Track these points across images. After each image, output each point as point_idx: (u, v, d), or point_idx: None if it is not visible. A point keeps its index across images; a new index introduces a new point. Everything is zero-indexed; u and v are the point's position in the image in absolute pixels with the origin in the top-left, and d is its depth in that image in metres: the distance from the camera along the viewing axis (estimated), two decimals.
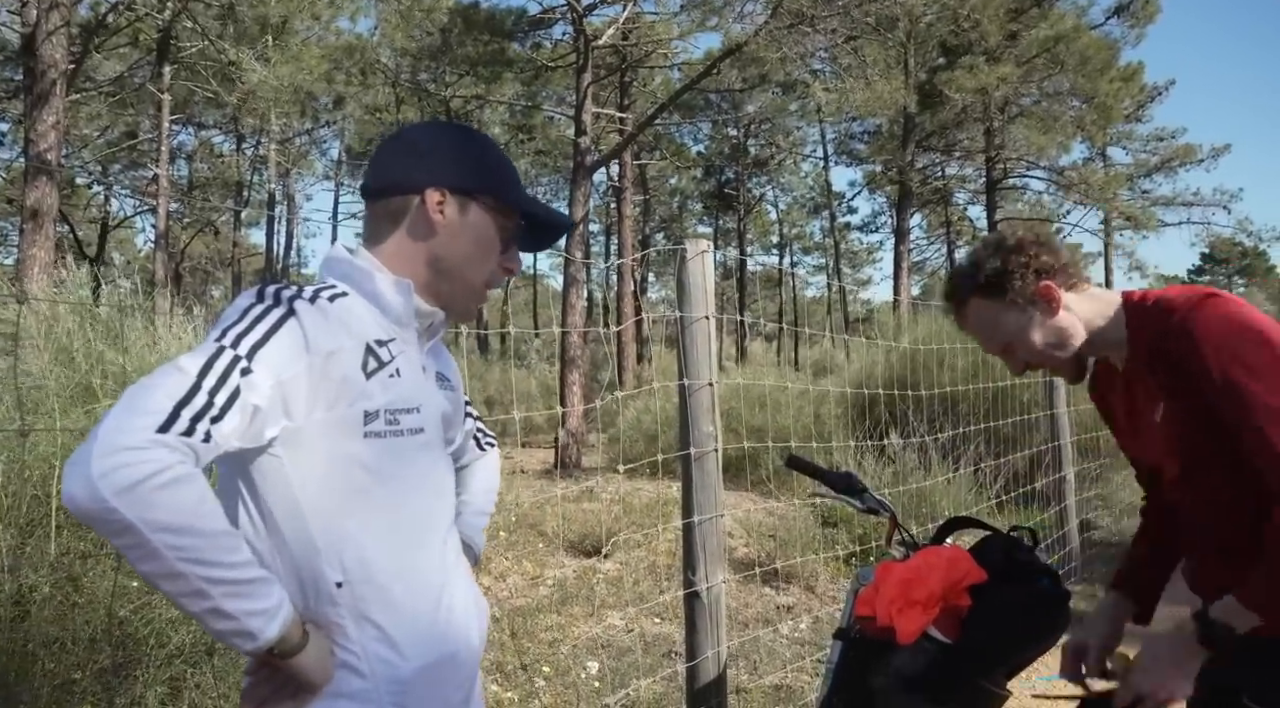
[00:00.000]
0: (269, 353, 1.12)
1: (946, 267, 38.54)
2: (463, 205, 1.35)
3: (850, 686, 1.85)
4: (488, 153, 1.41)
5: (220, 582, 1.03)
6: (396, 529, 1.25)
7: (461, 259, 1.36)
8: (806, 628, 5.23)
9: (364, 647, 1.20)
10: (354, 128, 31.64)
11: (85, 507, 0.99)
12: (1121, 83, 26.89)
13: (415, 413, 1.26)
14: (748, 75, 23.30)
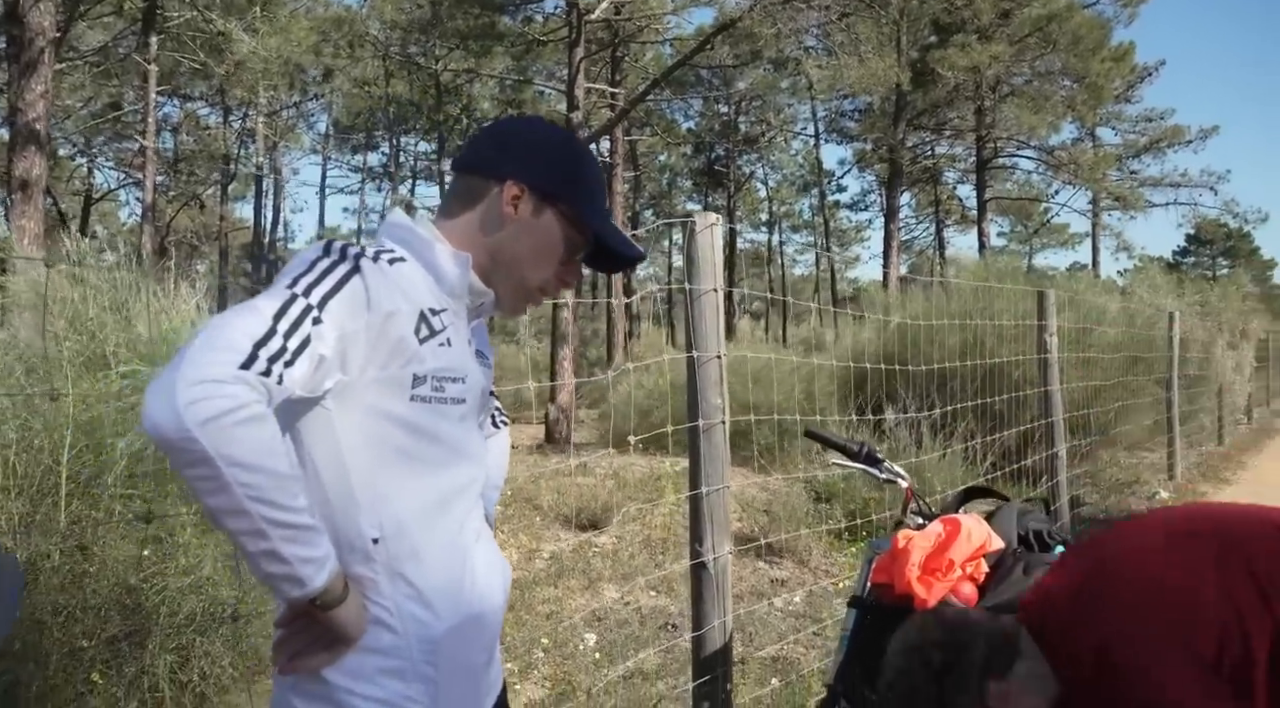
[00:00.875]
0: (336, 306, 1.14)
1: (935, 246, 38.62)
2: (538, 207, 1.35)
3: (867, 652, 1.89)
4: (582, 165, 1.41)
5: (281, 525, 1.05)
6: (432, 492, 1.26)
7: (521, 258, 1.36)
8: (800, 601, 5.28)
9: (397, 604, 1.22)
10: (342, 101, 31.40)
11: (167, 435, 0.99)
12: (1113, 63, 26.90)
13: (460, 383, 1.27)
14: (739, 52, 23.23)
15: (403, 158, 37.42)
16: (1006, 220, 37.76)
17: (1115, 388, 8.84)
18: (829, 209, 39.80)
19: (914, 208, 39.68)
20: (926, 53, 24.56)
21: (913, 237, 41.03)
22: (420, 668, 1.23)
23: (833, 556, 6.22)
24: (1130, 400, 9.17)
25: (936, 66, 23.28)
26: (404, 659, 1.22)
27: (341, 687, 1.19)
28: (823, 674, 3.93)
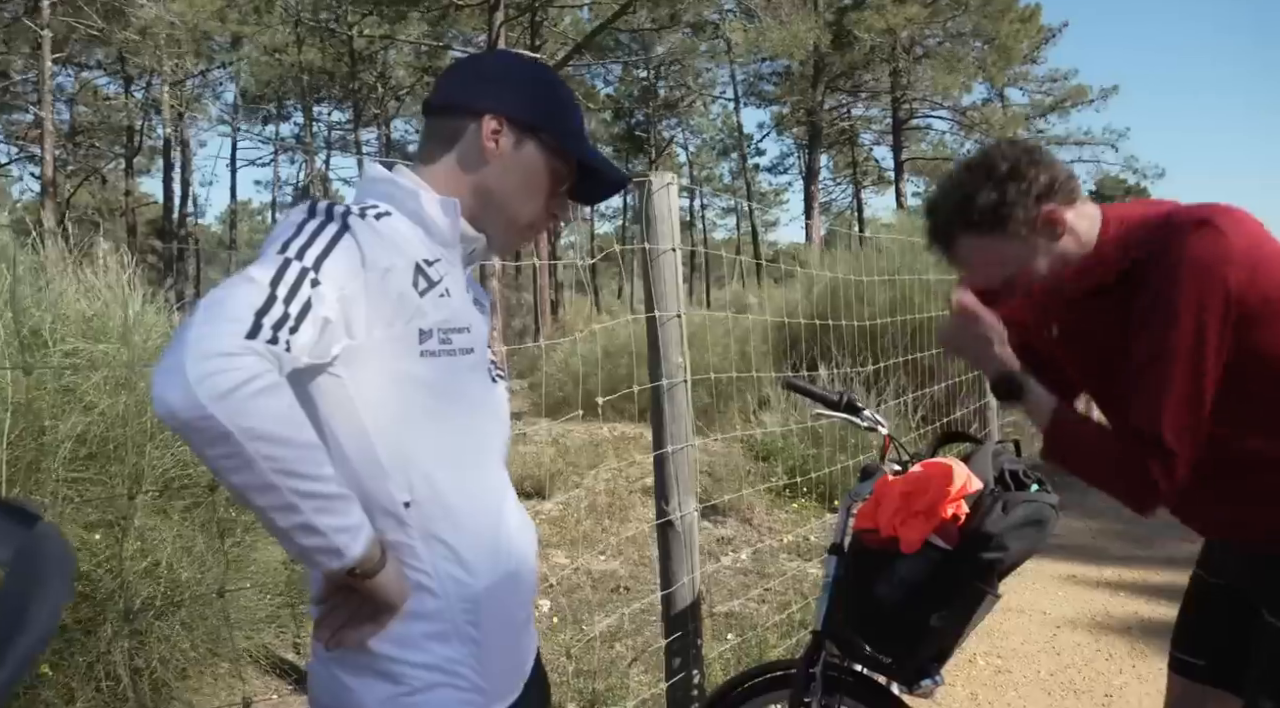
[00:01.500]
0: (331, 266, 1.10)
1: (854, 207, 39.18)
2: (519, 139, 1.31)
3: (852, 596, 1.93)
4: (556, 92, 1.37)
5: (311, 496, 1.01)
6: (459, 449, 1.23)
7: (508, 194, 1.32)
8: (747, 558, 5.36)
9: (435, 566, 1.18)
10: (250, 70, 30.30)
11: (182, 415, 0.95)
12: (1020, 24, 27.54)
13: (466, 333, 1.23)
14: (658, 16, 23.10)
15: (316, 128, 36.41)
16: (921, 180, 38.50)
17: None
18: (749, 172, 40.05)
19: (832, 170, 40.18)
20: (843, 15, 24.78)
21: (831, 199, 41.57)
22: (464, 630, 1.21)
23: (775, 513, 6.33)
24: None
25: (853, 29, 23.52)
26: (447, 623, 1.19)
27: (388, 655, 1.16)
28: (777, 628, 4.03)
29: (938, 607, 1.76)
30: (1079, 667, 3.64)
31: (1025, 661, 3.70)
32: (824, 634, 2.00)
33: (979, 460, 1.84)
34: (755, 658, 3.65)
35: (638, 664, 3.74)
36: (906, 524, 1.75)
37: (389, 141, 34.81)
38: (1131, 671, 3.59)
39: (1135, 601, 4.38)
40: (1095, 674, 3.57)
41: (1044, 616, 4.19)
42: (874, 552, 1.83)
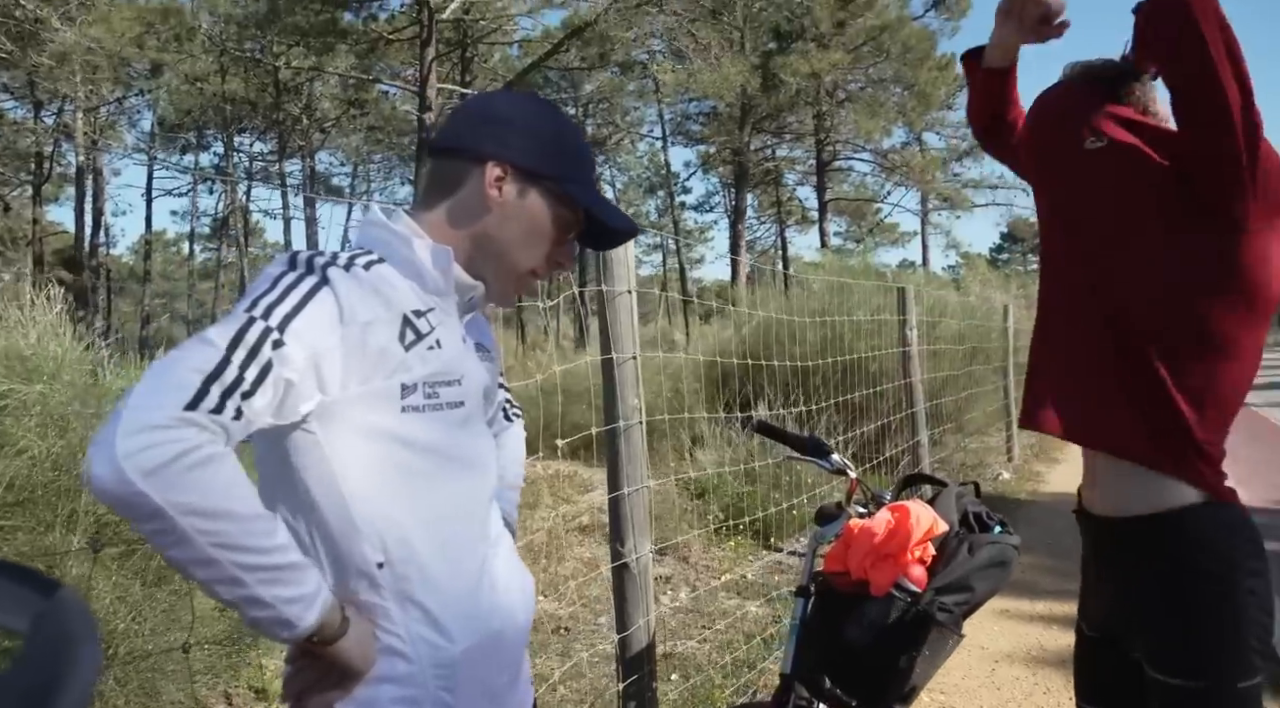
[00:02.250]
0: (302, 324, 1.06)
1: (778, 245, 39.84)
2: (523, 188, 1.27)
3: (818, 639, 1.94)
4: (565, 137, 1.32)
5: (255, 568, 0.98)
6: (437, 506, 1.19)
7: (509, 242, 1.29)
8: (686, 598, 5.35)
9: (408, 629, 1.15)
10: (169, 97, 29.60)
11: (111, 490, 0.92)
12: (938, 72, 28.57)
13: (456, 386, 1.20)
14: (587, 54, 23.31)
15: (237, 158, 35.68)
16: (844, 220, 39.38)
17: (961, 378, 9.37)
18: (675, 210, 40.50)
19: (756, 209, 40.85)
20: (768, 59, 25.37)
21: (755, 237, 42.20)
22: (437, 695, 1.16)
23: (712, 551, 6.33)
24: (974, 389, 9.74)
25: (779, 72, 24.07)
26: (419, 687, 1.15)
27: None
28: (722, 669, 4.02)
29: (906, 649, 1.78)
30: (1019, 701, 3.72)
31: (967, 696, 3.76)
32: (792, 677, 2.01)
33: (943, 503, 1.88)
34: (704, 700, 3.64)
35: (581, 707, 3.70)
36: (876, 567, 1.78)
37: (313, 174, 34.32)
38: (1068, 703, 3.67)
39: (1068, 634, 4.43)
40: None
41: (982, 651, 4.27)
42: (842, 594, 1.86)
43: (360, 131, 31.57)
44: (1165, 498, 1.51)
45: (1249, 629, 1.49)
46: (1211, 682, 1.48)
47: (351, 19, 18.46)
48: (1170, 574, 1.52)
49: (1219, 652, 1.48)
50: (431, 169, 1.32)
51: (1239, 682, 1.49)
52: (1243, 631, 1.49)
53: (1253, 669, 1.50)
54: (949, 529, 1.81)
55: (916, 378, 6.36)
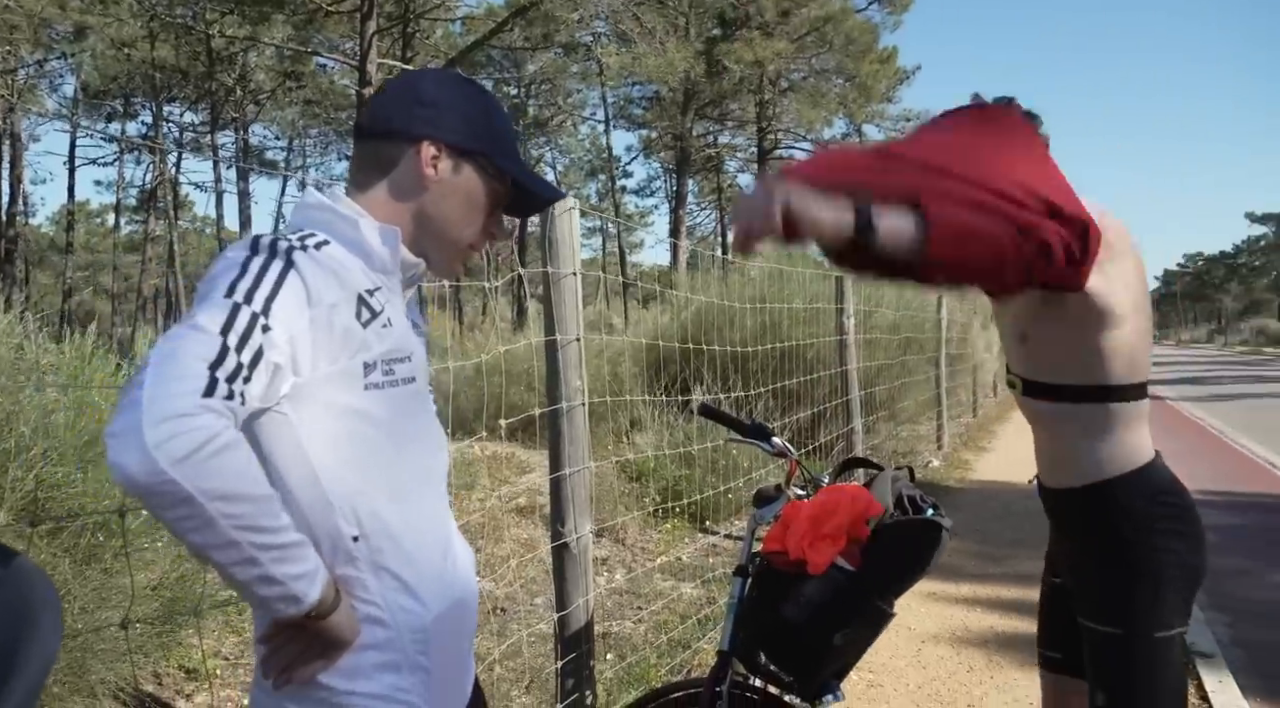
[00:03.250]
0: (279, 308, 1.08)
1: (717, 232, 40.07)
2: (457, 165, 1.32)
3: (758, 616, 1.99)
4: (493, 115, 1.38)
5: (269, 547, 1.02)
6: (404, 480, 1.24)
7: (448, 218, 1.33)
8: (622, 579, 5.40)
9: (385, 598, 1.19)
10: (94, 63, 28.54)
11: (142, 481, 0.94)
12: (879, 65, 28.91)
13: (407, 362, 1.24)
14: (531, 35, 23.13)
15: (167, 128, 34.57)
16: None
17: (895, 367, 9.56)
18: (616, 194, 40.45)
19: (697, 195, 41.00)
20: (712, 45, 25.43)
21: (696, 222, 42.39)
22: (414, 659, 1.21)
23: (648, 533, 6.39)
24: (907, 378, 9.94)
25: (723, 59, 24.15)
26: (398, 652, 1.20)
27: (339, 688, 1.16)
28: (657, 649, 4.08)
29: (841, 625, 1.84)
30: (943, 679, 3.84)
31: (895, 675, 3.88)
32: (730, 654, 2.06)
33: (879, 486, 1.94)
34: (639, 678, 3.70)
35: (519, 687, 3.73)
36: (814, 547, 1.83)
37: (247, 147, 33.49)
38: (990, 681, 3.81)
39: (991, 615, 4.64)
40: (958, 686, 3.77)
41: (910, 631, 4.39)
42: (780, 573, 1.91)
43: (296, 105, 30.86)
44: (1093, 471, 1.70)
45: (1168, 585, 1.68)
46: (1128, 629, 1.68)
47: None
48: (1097, 535, 1.72)
49: (1137, 604, 1.67)
50: (363, 151, 1.34)
51: (1155, 632, 1.67)
52: (1162, 586, 1.68)
53: (1170, 622, 1.68)
54: (883, 511, 1.87)
55: (852, 366, 6.48)
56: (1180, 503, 1.73)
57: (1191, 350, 67.89)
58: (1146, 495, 1.70)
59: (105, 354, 4.11)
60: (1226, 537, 6.07)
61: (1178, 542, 1.69)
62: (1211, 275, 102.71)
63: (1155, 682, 1.68)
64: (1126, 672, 1.68)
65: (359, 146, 1.34)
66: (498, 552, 5.79)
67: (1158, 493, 1.71)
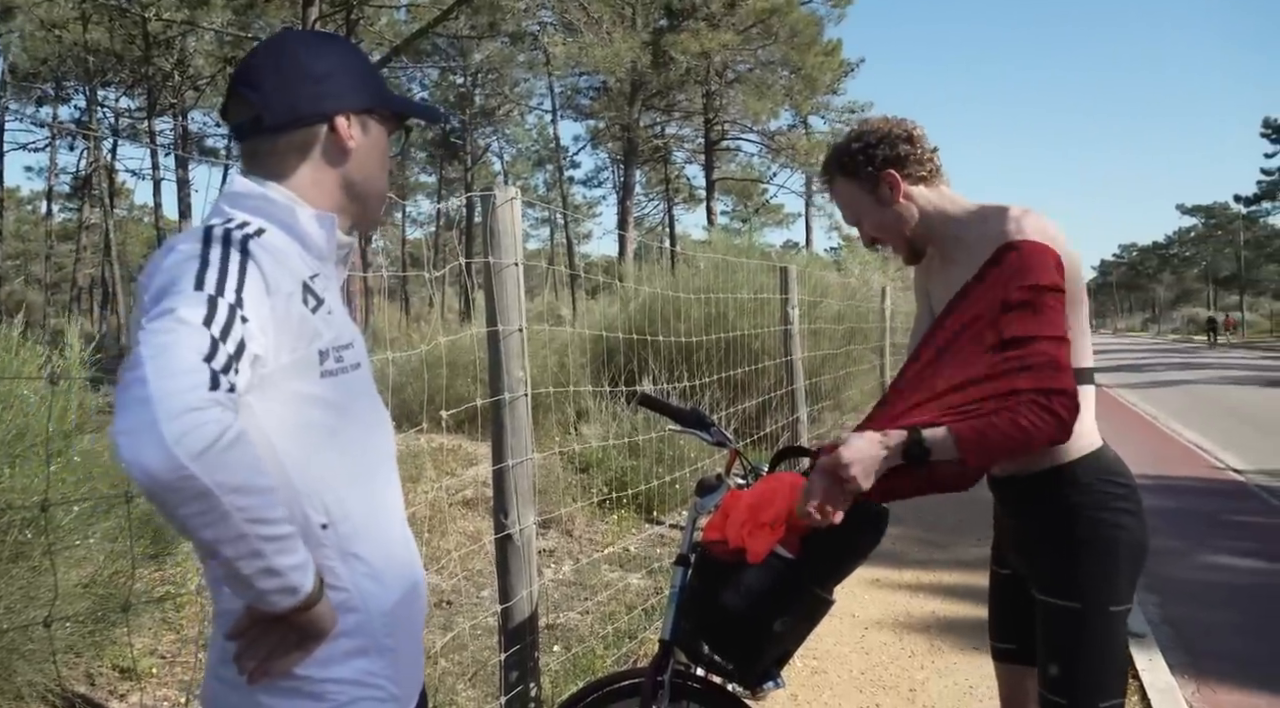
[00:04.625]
0: (248, 298, 1.08)
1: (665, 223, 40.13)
2: (364, 124, 1.35)
3: (698, 606, 2.00)
4: (367, 64, 1.41)
5: (273, 539, 1.01)
6: (361, 465, 1.25)
7: (370, 176, 1.36)
8: (569, 571, 5.39)
9: (354, 583, 1.20)
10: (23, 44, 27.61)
11: (163, 476, 0.92)
12: (824, 57, 29.19)
13: (351, 348, 1.24)
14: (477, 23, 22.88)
15: (102, 113, 33.60)
16: (730, 199, 39.88)
17: (840, 356, 9.66)
18: (564, 184, 40.29)
19: (645, 186, 41.00)
20: (660, 36, 25.41)
21: (644, 213, 42.41)
22: (382, 642, 1.23)
23: (595, 525, 6.38)
24: (852, 368, 10.06)
25: (670, 50, 24.15)
26: (367, 637, 1.21)
27: (315, 677, 1.16)
28: (603, 640, 4.08)
29: (781, 613, 1.85)
30: (886, 664, 3.90)
31: (838, 661, 3.93)
32: (671, 643, 2.07)
33: None
34: (585, 669, 3.70)
35: (464, 680, 3.70)
36: (753, 535, 1.84)
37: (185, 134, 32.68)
38: (931, 666, 3.88)
39: (933, 601, 4.72)
40: (900, 671, 3.83)
41: (853, 618, 4.45)
42: (717, 563, 1.91)
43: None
44: (1059, 454, 1.78)
45: (1123, 560, 1.76)
46: (1085, 603, 1.75)
47: None
48: (1055, 514, 1.80)
49: (1094, 578, 1.75)
50: (270, 142, 1.29)
51: (1110, 605, 1.75)
52: (1116, 560, 1.76)
53: (1122, 596, 1.76)
54: None
55: (797, 356, 6.53)
56: (1130, 483, 1.82)
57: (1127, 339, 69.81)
58: (1103, 476, 1.79)
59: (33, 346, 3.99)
60: (1159, 519, 6.25)
61: (1129, 519, 1.78)
62: (1145, 265, 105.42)
63: (1106, 654, 1.75)
64: (1081, 644, 1.75)
65: (261, 140, 1.29)
66: (443, 545, 5.75)
67: (1112, 474, 1.80)
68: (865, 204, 1.95)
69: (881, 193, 1.92)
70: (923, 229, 1.93)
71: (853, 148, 1.93)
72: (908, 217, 1.92)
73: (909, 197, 1.91)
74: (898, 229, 1.94)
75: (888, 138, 1.91)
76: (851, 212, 2.00)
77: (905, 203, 1.91)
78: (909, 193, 1.91)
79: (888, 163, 1.90)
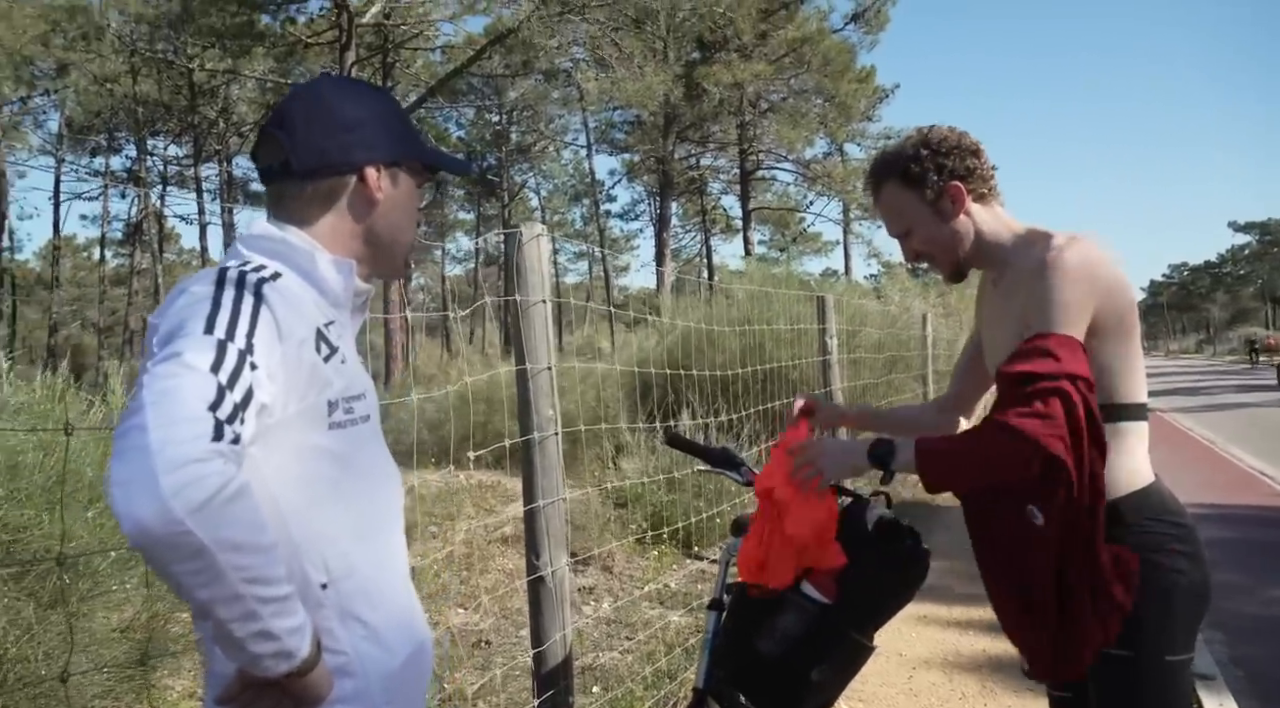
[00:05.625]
0: (259, 343, 1.04)
1: (703, 254, 40.17)
2: (394, 176, 1.32)
3: (732, 652, 1.93)
4: (401, 114, 1.38)
5: (270, 600, 0.96)
6: (368, 521, 1.20)
7: (397, 227, 1.33)
8: (609, 609, 5.32)
9: (354, 646, 1.15)
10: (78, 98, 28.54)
11: (157, 531, 0.87)
12: (858, 84, 29.16)
13: (363, 399, 1.21)
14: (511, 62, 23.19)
15: (151, 162, 34.52)
16: (768, 229, 39.82)
17: (881, 386, 9.52)
18: (600, 218, 40.54)
19: (681, 218, 41.11)
20: (692, 69, 25.57)
21: (681, 245, 42.51)
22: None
23: (635, 560, 6.31)
24: (894, 397, 9.90)
25: (702, 82, 24.27)
26: (365, 703, 1.16)
27: None
28: (644, 681, 4.00)
29: (818, 661, 1.78)
30: (936, 707, 3.77)
31: (885, 704, 3.80)
32: (705, 692, 2.00)
33: (853, 513, 1.88)
34: None
35: None
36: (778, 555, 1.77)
37: (230, 179, 33.42)
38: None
39: (984, 638, 4.57)
40: None
41: (900, 657, 4.32)
42: (748, 608, 1.85)
43: None
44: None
45: (1178, 606, 1.63)
46: (1139, 652, 1.62)
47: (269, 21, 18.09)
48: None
49: (1147, 625, 1.62)
50: (298, 188, 1.27)
51: (1166, 654, 1.62)
52: (1170, 606, 1.63)
53: (1182, 644, 1.64)
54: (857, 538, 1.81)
55: (836, 386, 6.42)
56: (1185, 522, 1.70)
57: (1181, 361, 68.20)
58: (1153, 515, 1.68)
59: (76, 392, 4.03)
60: (1219, 551, 6.02)
61: (1184, 562, 1.66)
62: (1197, 285, 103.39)
63: (1164, 706, 1.64)
64: (1136, 696, 1.64)
65: (289, 184, 1.27)
66: (481, 583, 5.71)
67: (1163, 513, 1.69)
68: (921, 215, 1.85)
69: (943, 206, 1.83)
70: (975, 249, 1.85)
71: (921, 154, 1.83)
72: (964, 234, 1.84)
73: (968, 213, 1.83)
74: (951, 246, 1.85)
75: (958, 149, 1.82)
76: (901, 222, 1.90)
77: (964, 219, 1.83)
78: (969, 210, 1.83)
79: (954, 175, 1.82)
